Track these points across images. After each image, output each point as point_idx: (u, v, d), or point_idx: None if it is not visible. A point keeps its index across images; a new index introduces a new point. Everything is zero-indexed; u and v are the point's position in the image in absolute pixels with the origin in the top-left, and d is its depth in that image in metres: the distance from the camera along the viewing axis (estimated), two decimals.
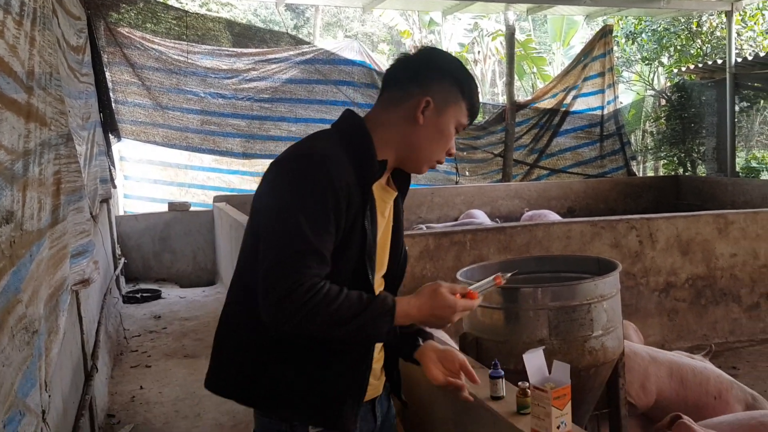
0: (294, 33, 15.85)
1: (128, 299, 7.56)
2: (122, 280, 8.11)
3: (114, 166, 9.05)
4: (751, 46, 12.72)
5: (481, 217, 8.68)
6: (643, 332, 5.49)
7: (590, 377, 2.48)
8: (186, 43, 9.74)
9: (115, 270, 7.12)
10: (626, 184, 10.79)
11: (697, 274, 5.60)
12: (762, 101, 12.52)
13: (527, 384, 1.81)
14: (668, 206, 9.45)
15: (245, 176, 10.18)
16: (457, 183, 11.18)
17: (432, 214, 9.50)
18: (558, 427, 1.70)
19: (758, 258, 5.72)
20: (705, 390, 2.97)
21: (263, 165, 10.23)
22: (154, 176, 9.88)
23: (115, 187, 8.80)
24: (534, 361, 1.78)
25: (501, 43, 16.19)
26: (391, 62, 1.86)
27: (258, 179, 10.76)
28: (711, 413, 2.87)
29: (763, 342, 5.63)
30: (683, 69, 12.13)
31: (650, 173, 15.27)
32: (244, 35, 10.28)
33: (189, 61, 9.63)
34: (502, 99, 16.34)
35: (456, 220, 9.09)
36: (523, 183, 11.07)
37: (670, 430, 2.29)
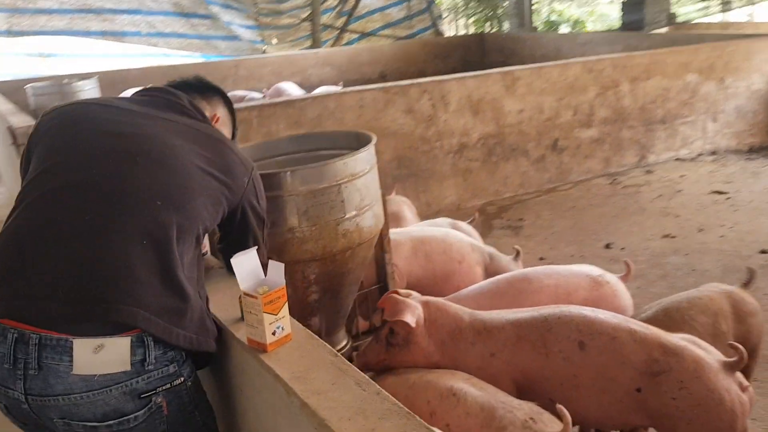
0: None
1: None
2: None
3: None
4: None
5: (290, 90, 8.24)
6: (439, 194, 5.63)
7: (347, 259, 2.38)
8: None
9: None
10: (435, 44, 10.79)
11: (488, 132, 5.73)
12: None
13: None
14: (475, 65, 9.60)
15: None
16: (264, 52, 10.56)
17: (237, 88, 8.88)
18: (274, 333, 1.56)
19: (543, 112, 5.95)
20: (449, 257, 3.02)
21: None
22: None
23: None
24: (245, 264, 1.59)
25: None
26: None
27: None
28: (458, 278, 2.94)
29: (548, 192, 6.00)
30: None
31: (463, 32, 15.44)
32: None
33: None
34: None
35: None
36: (334, 49, 10.70)
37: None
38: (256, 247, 1.69)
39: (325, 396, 1.35)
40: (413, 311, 2.27)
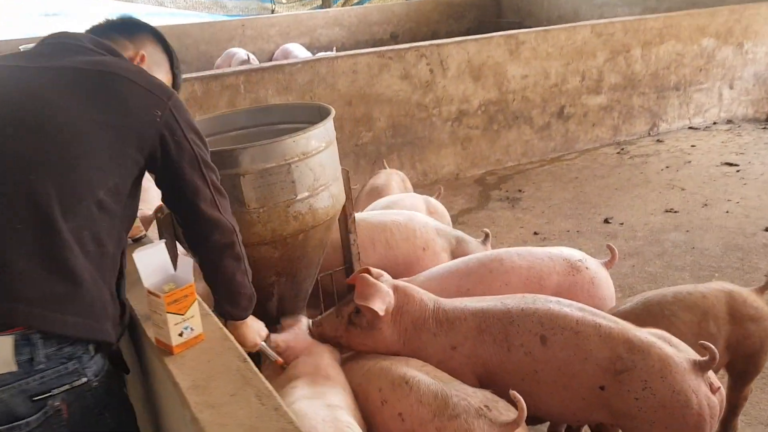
0: None
1: None
2: None
3: None
4: None
5: (296, 52, 8.03)
6: (437, 163, 5.46)
7: (300, 243, 2.25)
8: None
9: None
10: (448, 4, 10.42)
11: (489, 99, 5.52)
12: None
13: None
14: (490, 26, 9.27)
15: None
16: (273, 12, 10.31)
17: (245, 48, 8.67)
18: (181, 334, 1.44)
19: (549, 78, 5.70)
20: (412, 245, 2.84)
21: None
22: None
23: None
24: (151, 258, 1.46)
25: None
26: None
27: None
28: (422, 265, 2.77)
29: (552, 161, 5.79)
30: None
31: None
32: None
33: None
34: None
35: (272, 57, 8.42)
36: (344, 9, 10.40)
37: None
38: (202, 201, 1.57)
39: (219, 410, 1.24)
40: (384, 298, 2.16)
